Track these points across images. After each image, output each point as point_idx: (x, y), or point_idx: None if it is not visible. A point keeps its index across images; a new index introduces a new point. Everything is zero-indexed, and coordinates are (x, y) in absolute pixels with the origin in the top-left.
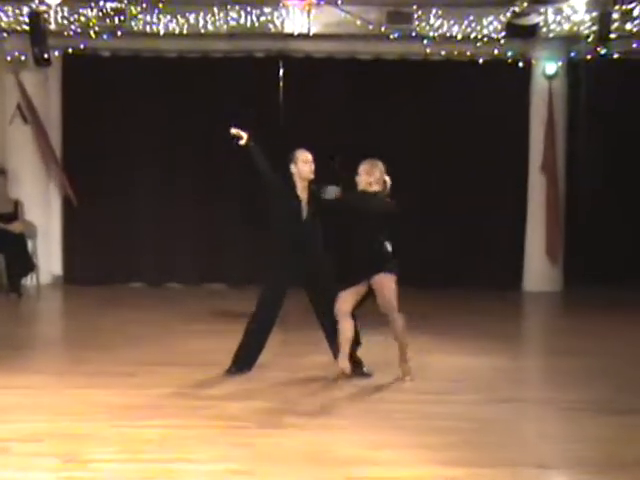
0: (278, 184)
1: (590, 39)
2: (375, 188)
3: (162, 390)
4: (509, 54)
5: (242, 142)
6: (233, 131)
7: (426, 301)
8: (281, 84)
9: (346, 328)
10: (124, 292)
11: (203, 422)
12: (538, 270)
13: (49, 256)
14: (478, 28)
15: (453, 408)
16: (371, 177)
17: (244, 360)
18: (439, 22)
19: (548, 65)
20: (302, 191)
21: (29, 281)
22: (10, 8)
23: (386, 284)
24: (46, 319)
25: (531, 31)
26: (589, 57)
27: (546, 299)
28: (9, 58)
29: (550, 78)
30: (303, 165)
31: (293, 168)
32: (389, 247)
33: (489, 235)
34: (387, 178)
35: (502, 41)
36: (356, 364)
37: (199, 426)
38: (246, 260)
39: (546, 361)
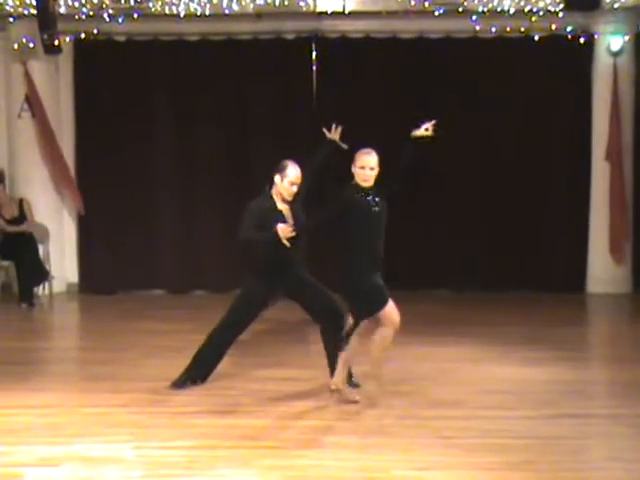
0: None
1: None
2: None
3: (188, 408)
4: (568, 29)
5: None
6: None
7: (476, 307)
8: (314, 68)
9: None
10: (145, 301)
11: (235, 442)
12: (603, 270)
13: (63, 262)
14: (533, 1)
15: (510, 425)
16: None
17: None
18: None
19: (613, 40)
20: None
21: (41, 290)
22: None
23: None
24: (61, 332)
25: (593, 2)
26: None
27: (612, 302)
28: (16, 46)
29: (615, 55)
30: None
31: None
32: None
33: (547, 232)
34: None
35: (560, 14)
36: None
37: (230, 447)
38: None
39: (612, 372)
